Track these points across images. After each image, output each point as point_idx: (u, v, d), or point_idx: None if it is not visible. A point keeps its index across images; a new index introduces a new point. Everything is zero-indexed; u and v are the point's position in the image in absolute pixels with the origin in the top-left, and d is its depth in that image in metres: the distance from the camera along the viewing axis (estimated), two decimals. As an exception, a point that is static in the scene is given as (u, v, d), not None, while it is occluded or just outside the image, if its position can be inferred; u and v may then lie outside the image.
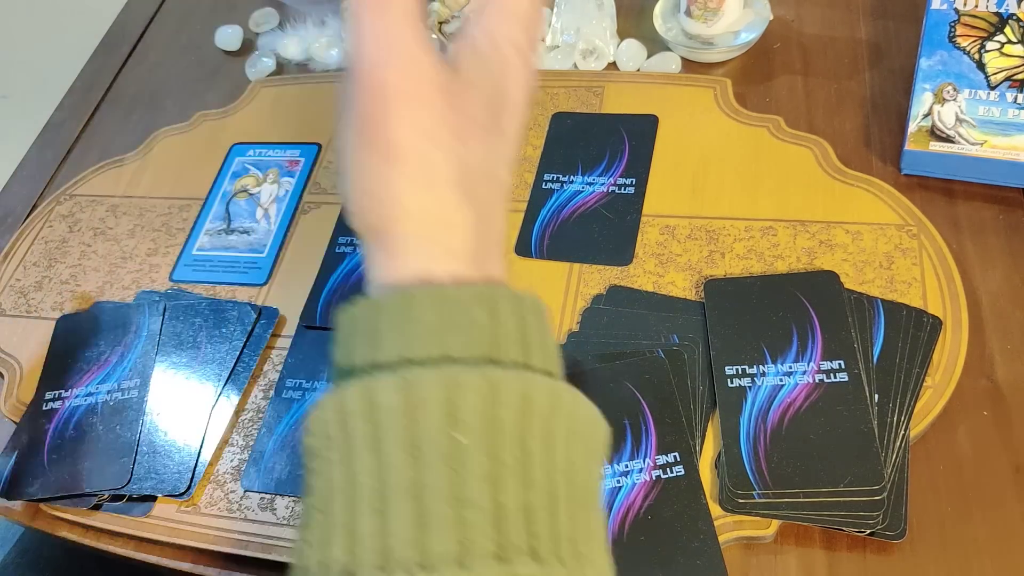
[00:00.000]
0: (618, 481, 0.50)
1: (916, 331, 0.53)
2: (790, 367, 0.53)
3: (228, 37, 0.84)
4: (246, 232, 0.67)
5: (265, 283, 0.64)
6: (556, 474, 0.28)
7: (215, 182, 0.71)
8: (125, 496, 0.55)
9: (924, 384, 0.52)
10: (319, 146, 0.72)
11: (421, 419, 0.27)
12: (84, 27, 0.93)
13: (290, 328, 0.62)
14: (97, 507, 0.55)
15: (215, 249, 0.67)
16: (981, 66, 0.61)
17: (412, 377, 0.27)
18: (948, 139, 0.61)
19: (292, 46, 0.81)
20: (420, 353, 0.28)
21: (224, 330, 0.61)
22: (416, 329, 0.29)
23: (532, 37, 0.35)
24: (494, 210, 0.33)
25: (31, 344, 0.65)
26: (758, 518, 0.49)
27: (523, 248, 0.63)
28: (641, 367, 0.54)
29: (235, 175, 0.71)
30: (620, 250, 0.61)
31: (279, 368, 0.60)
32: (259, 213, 0.68)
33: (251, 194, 0.69)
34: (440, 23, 0.75)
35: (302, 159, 0.71)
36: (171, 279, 0.65)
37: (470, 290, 0.30)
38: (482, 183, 0.32)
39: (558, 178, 0.66)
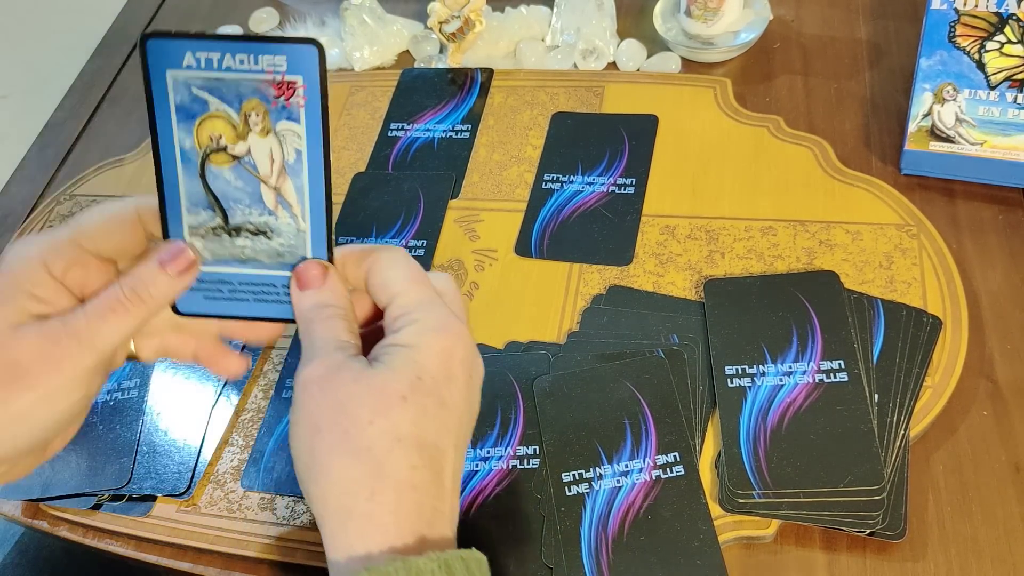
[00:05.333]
0: (618, 481, 0.50)
1: (916, 331, 0.53)
2: (790, 367, 0.53)
3: (228, 37, 0.84)
4: (262, 233, 0.39)
5: None
6: None
7: (155, 126, 0.37)
8: (125, 496, 0.55)
9: (924, 384, 0.52)
10: (318, 46, 0.36)
11: None
12: (84, 27, 0.93)
13: (290, 328, 0.62)
14: (97, 507, 0.55)
15: (222, 263, 0.40)
16: (981, 66, 0.61)
17: None
18: (948, 139, 0.61)
19: (292, 46, 0.81)
20: None
21: (224, 330, 0.61)
22: None
23: (420, 290, 0.38)
24: (433, 476, 0.35)
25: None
26: (758, 518, 0.49)
27: (523, 248, 0.63)
28: (641, 367, 0.54)
29: (186, 115, 0.37)
30: (620, 250, 0.61)
31: (279, 368, 0.60)
32: (267, 195, 0.39)
33: (235, 157, 0.38)
34: (440, 23, 0.75)
35: (298, 77, 0.36)
36: (179, 311, 0.40)
37: (427, 560, 0.33)
38: (407, 452, 0.35)
39: (558, 178, 0.66)
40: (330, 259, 0.39)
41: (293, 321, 0.40)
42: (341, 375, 0.35)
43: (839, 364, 0.52)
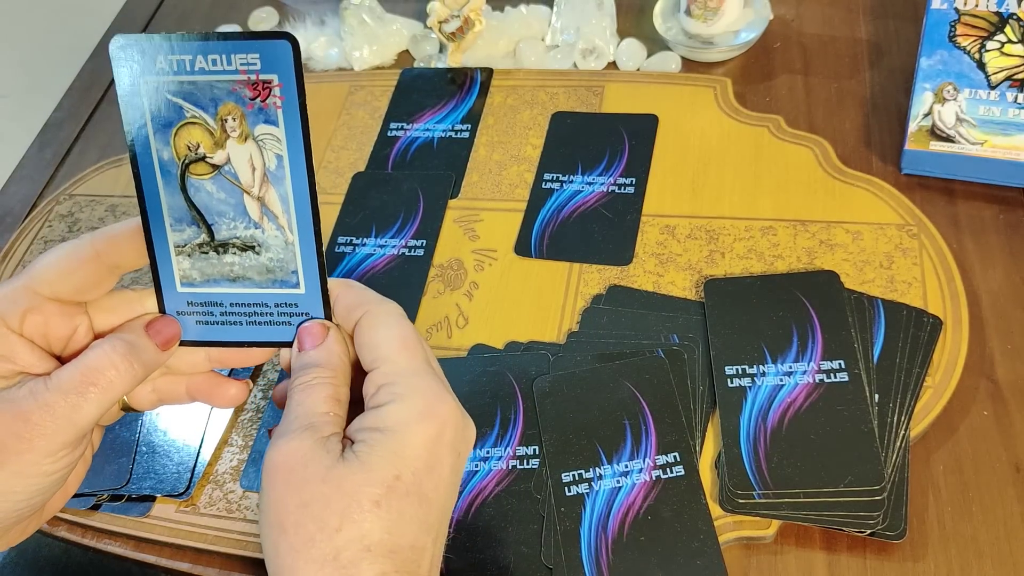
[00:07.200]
0: (618, 481, 0.50)
1: (916, 331, 0.53)
2: (790, 367, 0.53)
3: (227, 36, 0.84)
4: (250, 248, 0.38)
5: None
6: None
7: (131, 138, 0.37)
8: (124, 496, 0.55)
9: (924, 384, 0.52)
10: (291, 40, 0.34)
11: None
12: (83, 27, 0.93)
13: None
14: (96, 507, 0.55)
15: (212, 283, 0.38)
16: (981, 65, 0.61)
17: None
18: (948, 139, 0.61)
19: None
20: None
21: (223, 330, 0.61)
22: None
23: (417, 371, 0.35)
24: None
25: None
26: (758, 518, 0.48)
27: (523, 248, 0.63)
28: (641, 367, 0.54)
29: (162, 124, 0.36)
30: (620, 250, 0.61)
31: (278, 368, 0.60)
32: (251, 206, 0.37)
33: (215, 166, 0.36)
34: (440, 22, 0.75)
35: (273, 76, 0.35)
36: (183, 342, 0.39)
37: None
38: (377, 562, 0.32)
39: (558, 178, 0.66)
40: (322, 277, 0.37)
41: (287, 344, 0.38)
42: (308, 469, 0.33)
43: (839, 364, 0.52)
